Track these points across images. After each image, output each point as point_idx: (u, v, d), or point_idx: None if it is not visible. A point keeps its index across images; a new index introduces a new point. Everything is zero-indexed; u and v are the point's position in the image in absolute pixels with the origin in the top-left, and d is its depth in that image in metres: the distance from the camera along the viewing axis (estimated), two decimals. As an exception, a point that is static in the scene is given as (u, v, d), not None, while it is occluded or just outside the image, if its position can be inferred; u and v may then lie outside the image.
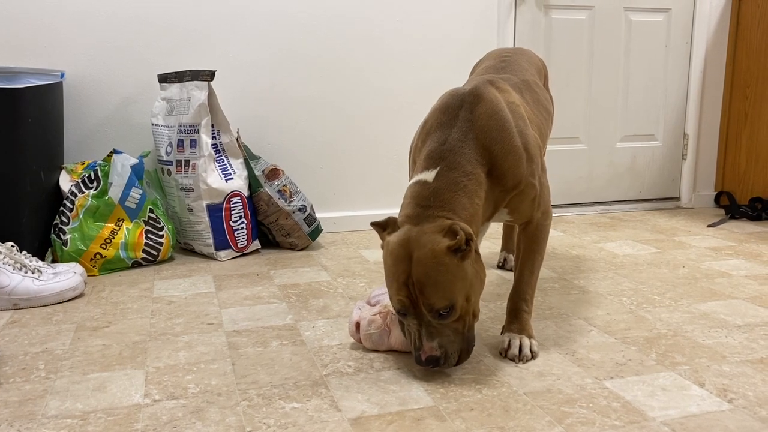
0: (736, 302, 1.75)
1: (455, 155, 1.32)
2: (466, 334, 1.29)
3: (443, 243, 1.22)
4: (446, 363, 1.26)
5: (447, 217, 1.27)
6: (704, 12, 3.01)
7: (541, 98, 1.69)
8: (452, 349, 1.26)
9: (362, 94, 2.61)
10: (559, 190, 2.99)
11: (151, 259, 2.14)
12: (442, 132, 1.36)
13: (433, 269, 1.21)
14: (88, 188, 2.06)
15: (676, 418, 1.14)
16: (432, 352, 1.24)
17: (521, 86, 1.63)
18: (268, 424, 1.13)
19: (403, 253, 1.24)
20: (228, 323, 1.61)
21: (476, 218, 1.32)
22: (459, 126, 1.36)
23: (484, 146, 1.34)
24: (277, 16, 2.47)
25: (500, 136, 1.35)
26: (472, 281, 1.26)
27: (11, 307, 1.73)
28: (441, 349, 1.25)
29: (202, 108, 2.16)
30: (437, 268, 1.21)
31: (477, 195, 1.32)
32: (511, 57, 1.79)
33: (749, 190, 3.00)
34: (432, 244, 1.22)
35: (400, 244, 1.25)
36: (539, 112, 1.62)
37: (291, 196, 2.31)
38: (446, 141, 1.34)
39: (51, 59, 2.27)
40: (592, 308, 1.71)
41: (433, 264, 1.21)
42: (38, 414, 1.17)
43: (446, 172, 1.31)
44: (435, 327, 1.25)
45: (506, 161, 1.36)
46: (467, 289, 1.25)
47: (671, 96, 3.08)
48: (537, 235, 1.48)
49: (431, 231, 1.24)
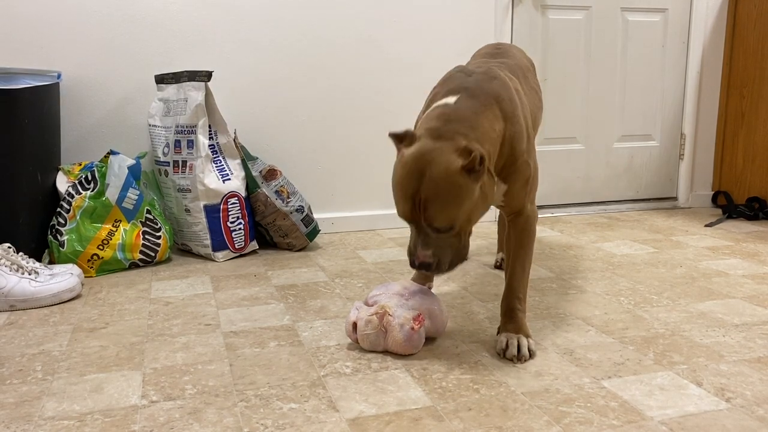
0: (733, 301, 1.75)
1: (474, 90, 1.35)
2: (461, 246, 1.33)
3: (457, 162, 1.24)
4: (438, 269, 1.31)
5: (465, 134, 1.28)
6: (701, 12, 3.01)
7: (534, 86, 1.72)
8: (445, 258, 1.30)
9: (360, 94, 2.61)
10: (556, 190, 2.99)
11: (148, 260, 2.13)
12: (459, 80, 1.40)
13: (443, 189, 1.23)
14: (85, 189, 2.06)
15: (673, 417, 1.14)
16: (425, 259, 1.30)
17: (518, 72, 1.66)
18: (266, 425, 1.13)
19: (415, 168, 1.25)
20: (225, 324, 1.61)
21: (492, 143, 1.33)
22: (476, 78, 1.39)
23: (498, 101, 1.37)
24: (275, 17, 2.47)
25: (511, 104, 1.38)
26: (477, 203, 1.29)
27: (8, 308, 1.72)
28: (434, 257, 1.29)
29: (199, 109, 2.16)
30: (448, 188, 1.23)
31: (496, 123, 1.34)
32: (504, 46, 1.84)
33: (746, 189, 3.00)
34: (447, 163, 1.24)
35: (415, 158, 1.26)
36: (531, 101, 1.66)
37: (288, 197, 2.31)
38: (465, 81, 1.38)
39: (48, 60, 2.27)
40: (590, 308, 1.71)
41: (445, 183, 1.23)
42: (35, 416, 1.17)
43: (466, 99, 1.34)
44: (431, 237, 1.29)
45: (514, 126, 1.38)
46: (471, 210, 1.28)
47: (668, 96, 3.08)
48: (526, 230, 1.50)
49: (447, 150, 1.25)
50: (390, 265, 2.14)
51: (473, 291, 1.86)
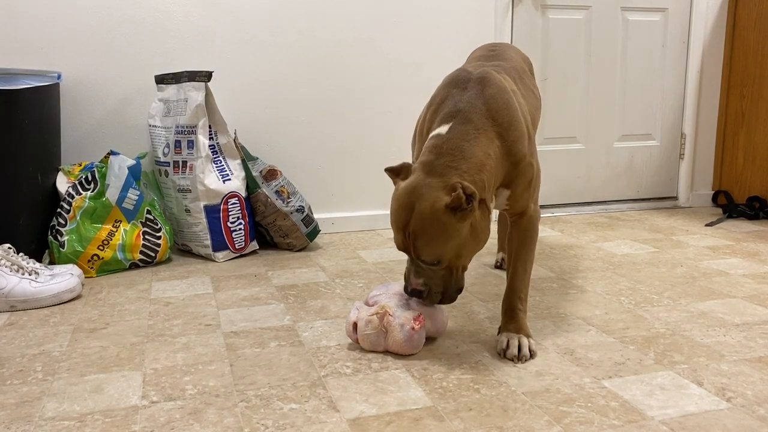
0: (734, 301, 1.75)
1: (467, 113, 1.38)
2: (452, 283, 1.37)
3: (443, 201, 1.27)
4: (429, 298, 1.37)
5: (457, 167, 1.30)
6: (701, 11, 3.01)
7: (530, 86, 1.73)
8: (436, 288, 1.36)
9: (359, 94, 2.61)
10: (556, 190, 2.99)
11: (148, 261, 2.13)
12: (453, 99, 1.43)
13: (428, 225, 1.28)
14: (85, 190, 2.06)
15: (674, 417, 1.14)
16: (416, 287, 1.36)
17: (513, 74, 1.67)
18: (266, 425, 1.13)
19: (406, 202, 1.31)
20: (226, 324, 1.61)
21: (487, 169, 1.35)
22: (469, 94, 1.41)
23: (492, 114, 1.39)
24: (274, 17, 2.47)
25: (507, 111, 1.40)
26: (465, 240, 1.32)
27: (8, 309, 1.72)
28: (425, 286, 1.36)
29: (200, 109, 2.16)
30: (432, 224, 1.28)
31: (488, 147, 1.36)
32: (499, 47, 1.84)
33: (747, 189, 3.00)
34: (433, 200, 1.28)
35: (407, 192, 1.32)
36: (529, 101, 1.67)
37: (289, 197, 2.31)
38: (458, 102, 1.41)
39: (48, 61, 2.27)
40: (591, 308, 1.71)
41: (430, 220, 1.28)
42: (35, 416, 1.17)
43: (459, 125, 1.37)
44: (422, 268, 1.35)
45: (512, 132, 1.40)
46: (459, 247, 1.32)
47: (668, 96, 3.08)
48: (529, 230, 1.50)
49: (436, 186, 1.29)
50: (390, 265, 2.14)
51: (474, 291, 1.86)
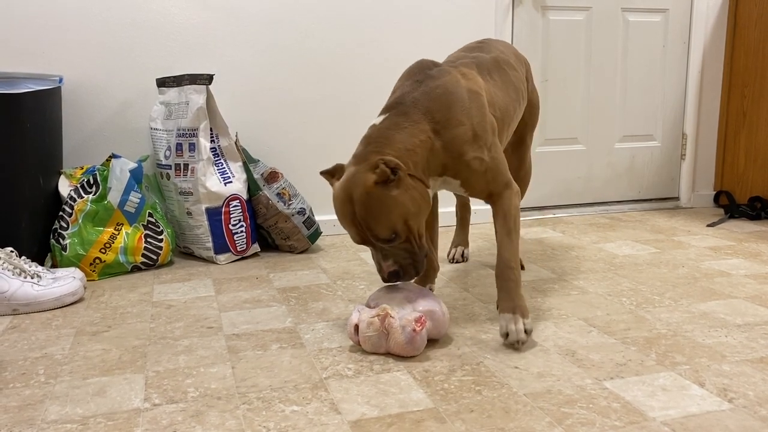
0: (735, 302, 1.75)
1: (406, 107, 1.46)
2: (417, 251, 1.43)
3: (371, 179, 1.36)
4: (406, 275, 1.44)
5: (379, 151, 1.39)
6: (701, 12, 3.01)
7: (512, 78, 1.74)
8: (406, 263, 1.43)
9: (360, 96, 2.61)
10: (557, 191, 2.99)
11: (150, 264, 2.14)
12: (402, 91, 1.50)
13: (369, 205, 1.36)
14: (87, 193, 2.06)
15: (676, 418, 1.14)
16: (390, 269, 1.42)
17: (490, 65, 1.69)
18: (268, 428, 1.13)
19: (344, 196, 1.40)
20: (227, 327, 1.61)
21: (414, 152, 1.42)
22: (420, 91, 1.48)
23: (432, 113, 1.45)
24: (275, 19, 2.47)
25: (448, 110, 1.46)
26: (407, 207, 1.38)
27: (10, 312, 1.73)
28: (396, 265, 1.42)
29: (201, 112, 2.16)
30: (372, 203, 1.36)
31: (417, 135, 1.43)
32: (489, 41, 1.85)
33: (748, 189, 3.00)
34: (363, 182, 1.36)
35: (343, 188, 1.40)
36: (506, 93, 1.68)
37: (290, 199, 2.31)
38: (405, 95, 1.48)
39: (49, 64, 2.28)
40: (592, 309, 1.71)
41: (367, 200, 1.36)
42: (38, 419, 1.17)
43: (393, 117, 1.45)
44: (388, 250, 1.42)
45: (451, 130, 1.45)
46: (404, 215, 1.38)
47: (669, 96, 3.08)
48: (507, 205, 1.53)
49: (363, 170, 1.38)
50: (392, 266, 2.14)
51: (475, 292, 1.86)
